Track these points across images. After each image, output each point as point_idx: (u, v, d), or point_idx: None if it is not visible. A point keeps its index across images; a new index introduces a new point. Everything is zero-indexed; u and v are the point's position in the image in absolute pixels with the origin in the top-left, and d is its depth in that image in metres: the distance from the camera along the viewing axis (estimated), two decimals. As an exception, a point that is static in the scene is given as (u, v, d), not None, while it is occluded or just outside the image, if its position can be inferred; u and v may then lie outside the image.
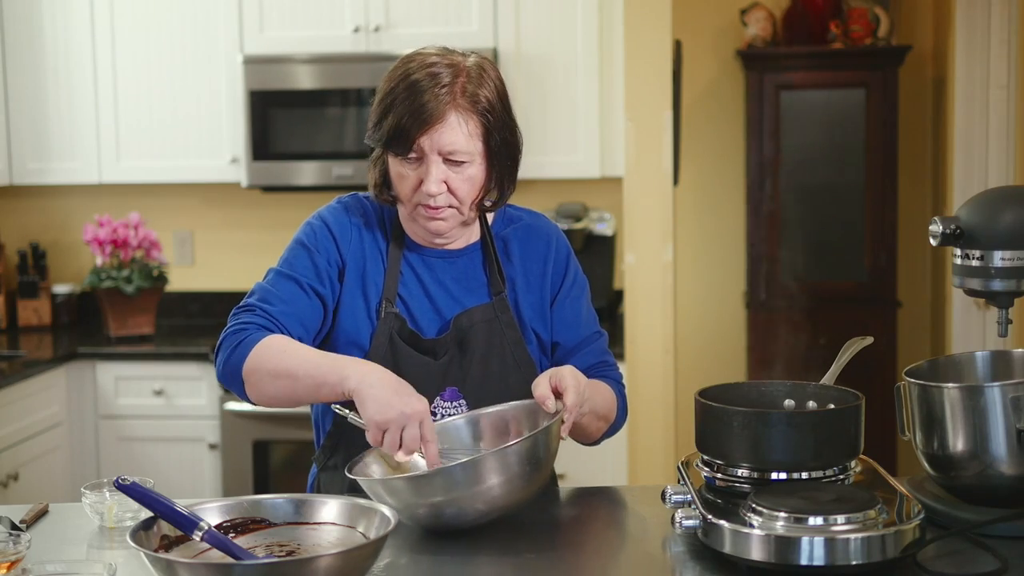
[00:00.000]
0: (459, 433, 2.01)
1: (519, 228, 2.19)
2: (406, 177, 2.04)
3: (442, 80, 1.99)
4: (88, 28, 4.46)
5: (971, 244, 1.88)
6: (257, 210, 4.78)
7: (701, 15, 5.14)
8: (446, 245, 2.13)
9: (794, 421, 1.80)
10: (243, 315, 2.05)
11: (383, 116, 2.02)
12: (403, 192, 2.06)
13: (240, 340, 1.99)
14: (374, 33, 4.35)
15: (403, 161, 2.03)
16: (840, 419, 1.82)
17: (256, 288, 2.10)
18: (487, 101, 2.02)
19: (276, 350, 1.96)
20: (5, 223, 4.85)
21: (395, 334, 2.06)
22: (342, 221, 2.13)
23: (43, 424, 4.08)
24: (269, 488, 4.15)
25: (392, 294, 2.09)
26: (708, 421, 1.85)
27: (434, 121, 1.98)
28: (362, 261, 2.10)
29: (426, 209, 2.04)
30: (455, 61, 2.02)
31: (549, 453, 1.85)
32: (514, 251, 2.16)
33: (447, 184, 2.01)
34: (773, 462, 1.79)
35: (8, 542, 1.72)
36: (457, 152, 2.00)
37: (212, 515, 1.72)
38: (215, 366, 2.05)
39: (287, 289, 2.07)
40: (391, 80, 2.03)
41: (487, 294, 2.13)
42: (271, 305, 2.05)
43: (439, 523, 1.82)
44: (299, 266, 2.09)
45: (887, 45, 4.99)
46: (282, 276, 2.09)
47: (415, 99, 1.98)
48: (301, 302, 2.06)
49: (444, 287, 2.12)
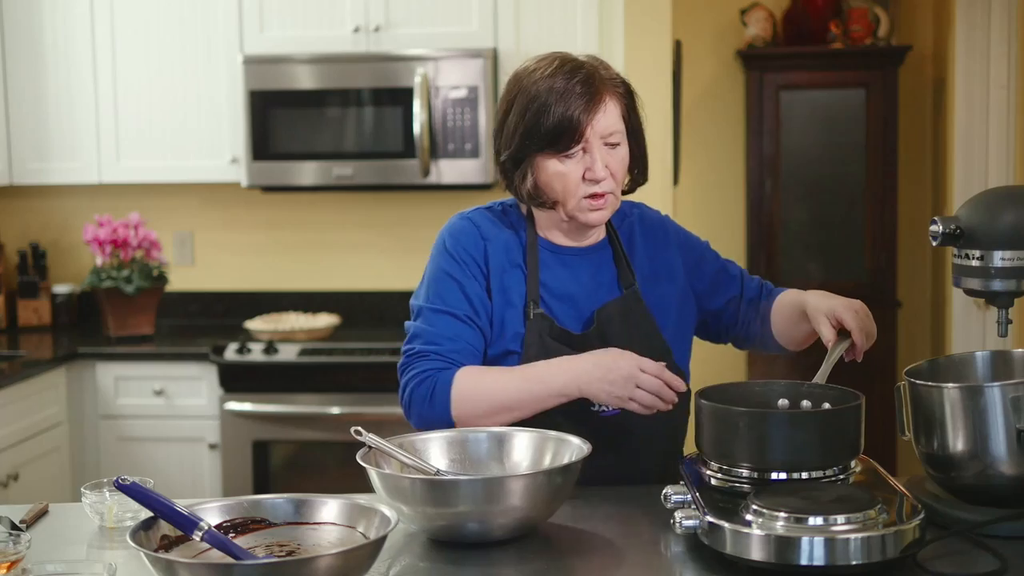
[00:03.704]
0: (479, 447, 2.01)
1: (633, 220, 2.26)
2: (568, 173, 2.09)
3: (582, 73, 2.07)
4: (88, 28, 4.46)
5: (971, 244, 1.88)
6: (257, 210, 4.78)
7: (701, 15, 5.14)
8: (584, 240, 2.20)
9: (796, 421, 1.80)
10: (418, 363, 2.10)
11: (537, 121, 2.07)
12: (567, 189, 2.10)
13: (431, 390, 2.07)
14: (374, 33, 4.35)
15: (563, 158, 2.09)
16: (841, 419, 1.82)
17: (415, 331, 2.15)
18: (624, 83, 2.13)
19: (475, 390, 2.05)
20: (5, 223, 4.85)
21: (545, 335, 2.12)
22: (474, 238, 2.18)
23: (43, 424, 4.08)
24: (269, 488, 4.14)
25: (536, 296, 2.15)
26: (709, 421, 1.85)
27: (595, 107, 2.06)
28: (500, 272, 2.16)
29: (591, 200, 2.10)
30: (574, 59, 2.12)
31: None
32: (637, 244, 2.23)
33: (608, 168, 2.09)
34: (774, 462, 1.79)
35: (8, 542, 1.72)
36: (614, 133, 2.09)
37: (212, 515, 1.72)
38: (409, 417, 2.12)
39: (446, 324, 2.13)
40: (525, 93, 2.10)
41: (618, 287, 2.20)
42: (439, 345, 2.11)
43: (460, 534, 1.81)
44: (451, 300, 2.14)
45: (887, 45, 4.99)
46: (437, 313, 2.14)
47: (571, 93, 2.05)
48: (465, 334, 2.12)
49: (580, 284, 2.18)
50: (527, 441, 1.99)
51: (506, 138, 2.13)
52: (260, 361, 4.18)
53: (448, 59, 4.27)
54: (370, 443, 1.90)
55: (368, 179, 4.35)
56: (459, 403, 2.05)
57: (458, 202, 4.70)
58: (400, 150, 4.31)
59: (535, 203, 2.15)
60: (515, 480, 1.79)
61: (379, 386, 4.15)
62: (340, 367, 4.17)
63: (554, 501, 1.83)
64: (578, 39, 4.28)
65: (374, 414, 4.09)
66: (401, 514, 1.75)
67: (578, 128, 2.06)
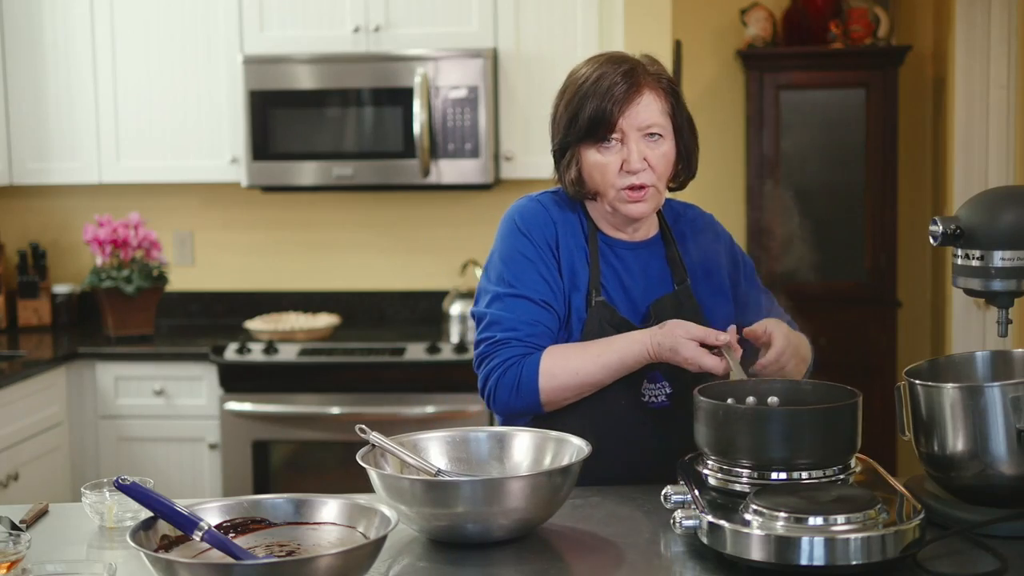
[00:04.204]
0: (479, 447, 2.01)
1: (687, 221, 2.32)
2: (607, 164, 2.15)
3: (622, 67, 2.14)
4: (88, 28, 4.46)
5: (971, 244, 1.88)
6: (257, 210, 4.78)
7: (701, 15, 5.14)
8: (635, 235, 2.24)
9: (793, 418, 1.81)
10: (500, 351, 2.13)
11: (577, 112, 2.15)
12: (606, 180, 2.16)
13: (518, 378, 2.10)
14: (374, 33, 4.35)
15: (602, 148, 2.15)
16: (838, 416, 1.82)
17: (492, 318, 2.16)
18: (669, 81, 2.18)
19: (565, 374, 2.09)
20: (5, 223, 4.85)
21: (605, 323, 2.16)
22: (545, 220, 2.22)
23: (43, 424, 4.08)
24: (269, 488, 4.14)
25: (597, 284, 2.19)
26: (707, 418, 1.85)
27: (631, 99, 2.12)
28: (569, 255, 2.21)
29: (629, 192, 2.15)
30: (623, 55, 2.19)
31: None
32: (689, 242, 2.29)
33: (647, 160, 2.14)
34: (773, 459, 1.79)
35: (8, 542, 1.72)
36: (654, 126, 2.14)
37: (212, 515, 1.72)
38: (492, 405, 2.16)
39: (524, 309, 2.15)
40: (572, 85, 2.17)
41: (671, 283, 2.25)
42: (518, 331, 2.14)
43: (460, 535, 1.81)
44: (527, 282, 2.17)
45: (887, 45, 4.99)
46: (514, 297, 2.16)
47: (609, 86, 2.12)
48: (543, 318, 2.15)
49: (634, 277, 2.23)
50: (527, 441, 1.99)
51: (554, 129, 2.21)
52: (260, 361, 4.18)
53: (448, 59, 4.27)
54: (374, 441, 1.90)
55: (368, 179, 4.35)
56: (547, 387, 2.10)
57: (458, 202, 4.71)
58: (400, 150, 4.31)
59: (579, 193, 2.21)
60: (515, 481, 1.79)
61: (379, 386, 4.15)
62: (340, 367, 4.17)
63: (554, 502, 1.83)
64: (578, 39, 4.28)
65: (374, 414, 4.09)
66: (401, 514, 1.75)
67: (612, 119, 2.12)
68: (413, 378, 4.14)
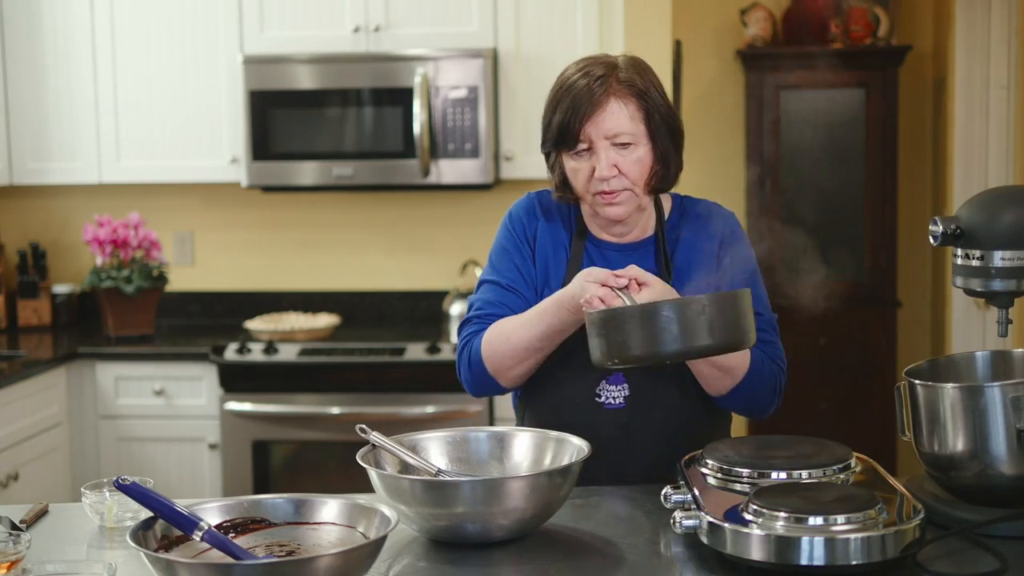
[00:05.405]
0: (479, 447, 2.01)
1: (691, 218, 2.30)
2: (580, 170, 2.18)
3: (596, 73, 2.15)
4: (88, 28, 4.46)
5: (971, 244, 1.88)
6: (257, 210, 4.78)
7: (701, 15, 5.14)
8: (624, 236, 2.25)
9: (683, 307, 1.82)
10: (463, 330, 2.25)
11: (550, 119, 2.19)
12: (580, 185, 2.19)
13: (470, 352, 2.20)
14: (374, 33, 4.35)
15: (574, 155, 2.17)
16: (726, 303, 1.84)
17: (470, 302, 2.29)
18: (643, 85, 2.17)
19: (499, 341, 2.15)
20: (5, 223, 4.85)
21: None
22: (529, 214, 2.30)
23: (43, 424, 4.08)
24: (269, 488, 4.14)
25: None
26: (599, 328, 1.87)
27: (595, 109, 2.13)
28: (545, 252, 2.26)
29: (602, 196, 2.17)
30: (607, 59, 2.20)
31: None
32: (684, 238, 2.27)
33: (618, 167, 2.15)
34: (667, 352, 1.82)
35: (8, 542, 1.72)
36: (622, 134, 2.14)
37: (212, 515, 1.72)
38: (463, 382, 2.26)
39: (494, 293, 2.25)
40: (552, 90, 2.21)
41: None
42: (483, 310, 2.23)
43: (460, 535, 1.81)
44: (502, 270, 2.27)
45: (887, 45, 4.99)
46: (488, 284, 2.27)
47: (575, 95, 2.14)
48: (509, 300, 2.24)
49: None
50: (527, 441, 1.99)
51: (542, 134, 2.24)
52: (260, 361, 4.18)
53: (448, 59, 4.27)
54: (375, 441, 1.90)
55: (368, 179, 4.35)
56: (488, 356, 2.17)
57: (458, 202, 4.71)
58: (400, 150, 4.31)
59: (563, 197, 2.24)
60: (515, 481, 1.79)
61: (379, 386, 4.15)
62: (340, 367, 4.17)
63: (554, 502, 1.83)
64: (578, 39, 4.28)
65: (374, 414, 4.09)
66: (401, 514, 1.75)
67: (575, 129, 2.14)
68: (413, 378, 4.14)
